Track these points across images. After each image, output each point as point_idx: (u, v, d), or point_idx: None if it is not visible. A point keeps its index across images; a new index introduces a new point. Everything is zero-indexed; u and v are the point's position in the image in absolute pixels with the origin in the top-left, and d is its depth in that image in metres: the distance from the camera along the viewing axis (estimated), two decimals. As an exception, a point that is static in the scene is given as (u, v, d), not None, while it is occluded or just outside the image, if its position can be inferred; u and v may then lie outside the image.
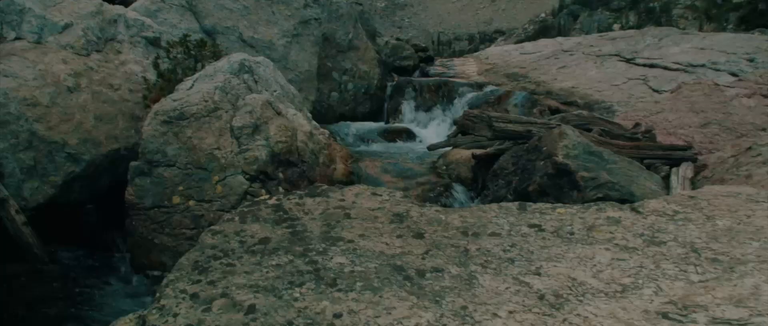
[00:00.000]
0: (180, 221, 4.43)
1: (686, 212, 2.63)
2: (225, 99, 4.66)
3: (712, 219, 2.55)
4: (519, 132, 4.86)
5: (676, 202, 2.71)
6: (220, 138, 4.43)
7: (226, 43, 7.53)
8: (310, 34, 8.09)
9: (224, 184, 4.31)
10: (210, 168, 4.37)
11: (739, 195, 2.70)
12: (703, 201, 2.67)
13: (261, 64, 5.48)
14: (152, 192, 4.47)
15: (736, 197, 2.68)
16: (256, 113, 4.51)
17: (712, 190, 2.80)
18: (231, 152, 4.36)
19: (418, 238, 2.71)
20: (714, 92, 5.52)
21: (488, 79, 9.69)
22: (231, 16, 7.61)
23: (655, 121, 5.40)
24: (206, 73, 5.13)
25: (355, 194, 3.19)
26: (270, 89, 5.35)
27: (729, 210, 2.59)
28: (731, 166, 4.04)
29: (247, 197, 4.21)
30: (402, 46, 11.34)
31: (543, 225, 2.74)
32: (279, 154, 4.42)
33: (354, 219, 2.94)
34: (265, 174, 4.32)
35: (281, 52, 7.77)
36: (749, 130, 5.02)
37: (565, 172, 3.77)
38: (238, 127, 4.43)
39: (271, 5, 7.80)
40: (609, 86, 7.97)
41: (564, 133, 3.96)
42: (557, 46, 10.16)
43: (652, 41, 8.92)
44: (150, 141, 4.52)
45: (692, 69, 7.67)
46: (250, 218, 3.11)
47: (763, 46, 7.74)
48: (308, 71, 8.05)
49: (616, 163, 3.91)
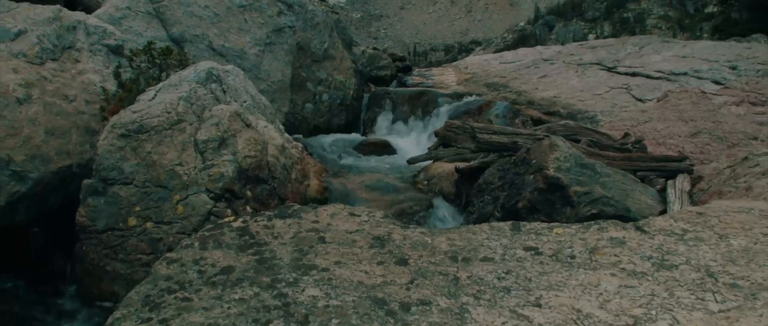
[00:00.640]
0: (136, 245, 4.04)
1: (696, 231, 2.37)
2: (190, 110, 4.31)
3: (726, 238, 2.30)
4: (504, 143, 4.60)
5: (684, 220, 2.46)
6: (183, 153, 4.08)
7: (195, 52, 7.17)
8: (283, 43, 7.77)
9: (186, 204, 3.94)
10: (171, 187, 4.01)
11: (752, 211, 2.46)
12: (713, 218, 2.42)
13: (230, 73, 5.15)
14: (106, 213, 4.08)
15: (749, 213, 2.44)
16: (223, 125, 4.17)
17: (721, 206, 2.55)
18: (194, 168, 4.00)
19: (402, 265, 2.40)
20: (702, 100, 5.35)
21: (468, 89, 9.47)
22: (200, 23, 7.25)
23: (643, 130, 5.20)
24: (171, 82, 4.77)
25: (331, 215, 2.88)
26: (240, 100, 5.01)
27: (743, 227, 2.34)
28: (728, 178, 3.83)
29: (211, 218, 3.86)
30: (379, 55, 11.08)
31: (540, 247, 2.46)
32: (247, 169, 4.07)
33: (329, 243, 2.63)
34: (232, 192, 3.97)
35: (253, 61, 7.42)
36: (740, 139, 4.84)
37: (557, 187, 3.51)
38: (203, 140, 4.08)
39: (243, 12, 7.46)
40: (591, 95, 7.80)
41: (554, 144, 3.70)
42: (537, 55, 10.00)
43: (632, 50, 8.81)
44: (105, 156, 4.14)
45: (675, 77, 7.54)
46: (212, 243, 2.77)
47: (744, 54, 7.66)
48: (281, 81, 7.72)
49: (609, 176, 3.67)
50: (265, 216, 2.96)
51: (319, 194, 4.84)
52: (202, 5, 7.24)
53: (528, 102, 8.25)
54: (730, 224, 2.35)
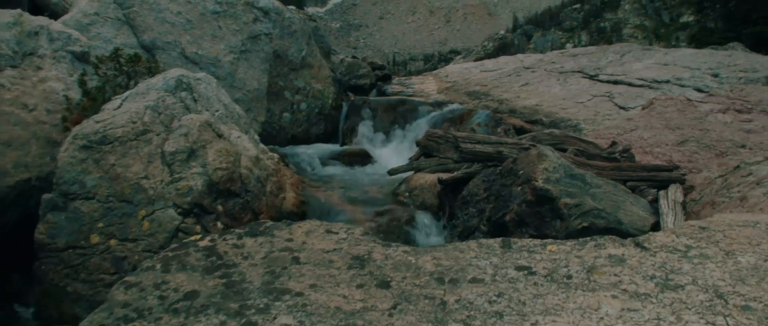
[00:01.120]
0: (99, 264, 3.77)
1: (701, 247, 2.20)
2: (157, 120, 4.06)
3: (733, 255, 2.13)
4: (489, 153, 4.43)
5: (686, 235, 2.29)
6: (149, 165, 3.82)
7: (167, 60, 6.90)
8: (259, 51, 7.53)
9: (152, 220, 3.68)
10: (136, 202, 3.74)
11: (758, 225, 2.30)
12: (717, 233, 2.26)
13: (202, 81, 4.90)
14: (67, 230, 3.80)
15: (755, 227, 2.28)
16: (192, 136, 3.92)
17: (724, 219, 2.39)
18: (161, 182, 3.74)
19: (384, 288, 2.19)
20: (687, 108, 5.25)
21: (449, 98, 9.33)
22: (172, 30, 6.99)
23: (629, 138, 5.07)
24: (138, 91, 4.51)
25: (306, 232, 2.66)
26: (212, 109, 4.77)
27: (750, 243, 2.18)
28: (721, 188, 3.69)
29: (179, 235, 3.60)
30: (358, 64, 10.90)
31: (533, 266, 2.26)
32: (218, 183, 3.83)
33: (304, 264, 2.40)
34: (201, 207, 3.72)
35: (228, 69, 7.17)
36: (728, 147, 4.74)
37: (546, 199, 3.33)
38: (171, 152, 3.83)
39: (217, 19, 7.22)
40: (574, 103, 7.71)
41: (543, 154, 3.53)
42: (518, 63, 9.91)
43: (614, 57, 8.75)
44: (66, 169, 3.87)
45: (657, 85, 7.48)
46: (175, 265, 2.53)
47: (725, 62, 7.63)
48: (257, 90, 7.48)
49: (600, 187, 3.51)
50: (234, 234, 2.73)
51: (295, 207, 4.61)
52: (174, 11, 6.98)
53: (510, 110, 8.13)
54: (736, 239, 2.19)
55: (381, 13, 57.00)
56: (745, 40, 15.05)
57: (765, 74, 7.33)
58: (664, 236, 2.29)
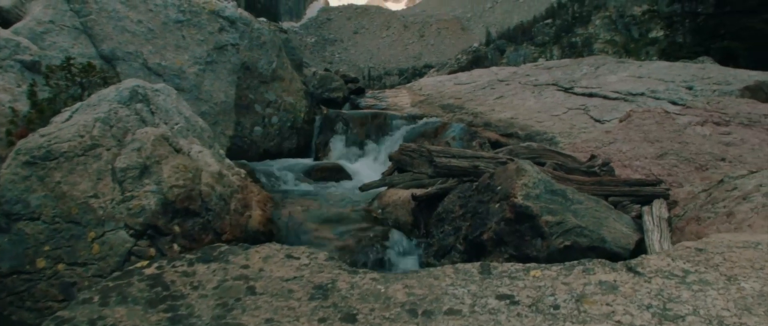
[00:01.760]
0: (46, 291, 3.43)
1: (699, 271, 2.00)
2: (108, 133, 3.75)
3: (735, 280, 1.93)
4: (464, 168, 4.22)
5: (683, 258, 2.09)
6: (98, 183, 3.51)
7: (128, 71, 6.58)
8: (226, 62, 7.25)
9: (102, 243, 3.37)
10: (84, 222, 3.42)
11: (759, 246, 2.12)
12: (716, 255, 2.07)
13: (160, 93, 4.61)
14: (10, 253, 3.46)
15: (756, 249, 2.10)
16: (145, 151, 3.62)
17: (722, 240, 2.20)
18: (112, 201, 3.43)
19: (349, 322, 1.94)
20: (666, 120, 5.13)
21: (423, 111, 9.16)
22: (133, 40, 6.66)
23: (608, 152, 4.93)
24: (90, 102, 4.20)
25: (264, 257, 2.39)
26: (171, 122, 4.48)
27: (752, 266, 1.99)
28: (705, 202, 3.54)
29: (131, 259, 3.29)
30: (330, 76, 10.67)
31: (516, 295, 2.04)
32: (174, 201, 3.53)
33: (260, 295, 2.13)
34: (155, 228, 3.41)
35: (193, 80, 6.87)
36: (708, 160, 4.62)
37: (526, 217, 3.12)
38: (122, 168, 3.52)
39: (181, 28, 6.92)
40: (549, 116, 7.59)
41: (522, 168, 3.33)
42: (492, 76, 9.80)
43: (588, 70, 8.69)
44: (8, 187, 3.53)
45: (632, 98, 7.41)
46: (116, 297, 2.23)
47: (699, 74, 7.61)
48: (225, 102, 7.18)
49: (581, 203, 3.32)
50: (185, 260, 2.44)
51: (262, 226, 4.32)
52: (135, 20, 6.67)
53: (485, 123, 7.99)
54: (737, 263, 2.00)
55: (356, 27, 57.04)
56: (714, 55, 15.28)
57: (738, 87, 7.33)
58: (658, 260, 2.09)
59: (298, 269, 2.25)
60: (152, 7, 6.95)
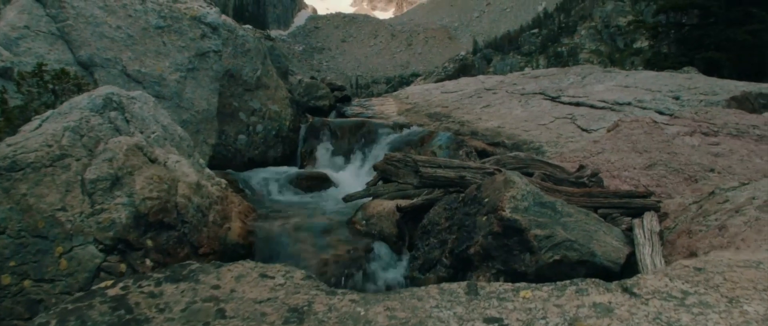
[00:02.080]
0: (11, 309, 3.25)
1: (699, 293, 1.89)
2: (78, 143, 3.58)
3: (737, 303, 1.82)
4: (451, 178, 4.10)
5: (681, 278, 1.97)
6: (67, 195, 3.33)
7: (106, 78, 6.39)
8: (208, 69, 7.09)
9: (71, 258, 3.19)
10: (51, 237, 3.25)
11: (761, 265, 2.01)
12: (716, 275, 1.96)
13: (137, 100, 4.45)
14: (-28, 269, 3.28)
15: (758, 268, 1.99)
16: (117, 161, 3.46)
17: (722, 259, 2.10)
18: (80, 214, 3.26)
19: (326, 349, 1.79)
20: (654, 131, 5.06)
21: (409, 120, 9.06)
22: (112, 46, 6.49)
23: (596, 162, 4.84)
24: (61, 110, 4.03)
25: (236, 277, 2.24)
26: (147, 130, 4.31)
27: (755, 288, 1.88)
28: (696, 215, 3.45)
29: (101, 275, 3.12)
30: (316, 84, 10.54)
31: (505, 318, 1.91)
32: (147, 214, 3.37)
33: (231, 319, 1.99)
34: (126, 242, 3.25)
35: (174, 88, 6.70)
36: (697, 171, 4.55)
37: (514, 230, 3.01)
38: (92, 179, 3.36)
39: (162, 34, 6.75)
40: (536, 125, 7.52)
41: (510, 180, 3.22)
42: (479, 85, 9.73)
43: (575, 79, 8.65)
44: (-29, 200, 3.35)
45: (619, 107, 7.37)
46: (74, 321, 2.07)
47: (686, 84, 7.59)
48: (207, 110, 7.01)
49: (571, 216, 3.21)
50: (152, 279, 2.29)
51: (241, 239, 4.16)
52: (114, 26, 6.50)
53: (471, 132, 7.90)
54: (739, 283, 1.89)
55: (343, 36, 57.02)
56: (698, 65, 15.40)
57: (725, 97, 7.31)
58: (655, 279, 1.97)
59: (272, 290, 2.10)
60: (132, 13, 6.78)
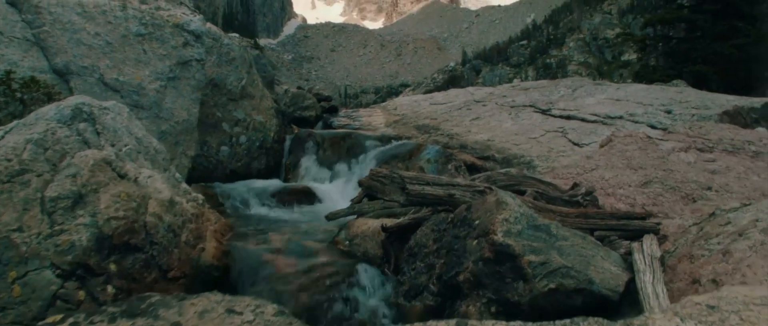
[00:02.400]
0: (-43, 339, 2.99)
1: (713, 336, 1.70)
2: (41, 157, 3.34)
3: (757, 348, 1.63)
4: (439, 196, 3.90)
5: (693, 318, 1.78)
6: (24, 214, 3.09)
7: (83, 87, 6.13)
8: (190, 78, 6.85)
9: (25, 284, 2.94)
10: (5, 260, 2.99)
11: (779, 303, 1.83)
12: (731, 314, 1.77)
13: (109, 111, 4.21)
14: None
15: (776, 307, 1.81)
16: (82, 177, 3.22)
17: (737, 295, 1.91)
18: (38, 235, 3.02)
19: None
20: (649, 146, 4.90)
21: (397, 132, 8.87)
22: (90, 53, 6.23)
23: (590, 179, 4.67)
24: (26, 121, 3.78)
25: (200, 313, 2.01)
26: (119, 143, 4.08)
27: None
28: (697, 238, 3.27)
29: (57, 303, 2.88)
30: (303, 94, 10.34)
31: (498, 364, 1.70)
32: (111, 236, 3.13)
33: (189, 364, 1.75)
34: (86, 267, 3.00)
35: (153, 97, 6.45)
36: (694, 189, 4.38)
37: (507, 256, 2.81)
38: (52, 197, 3.11)
39: (142, 42, 6.51)
40: (526, 139, 7.36)
41: (502, 201, 3.02)
42: (469, 96, 9.57)
43: (565, 92, 8.51)
44: None
45: (610, 121, 7.23)
46: (12, 365, 1.81)
47: (677, 98, 7.48)
48: (187, 121, 6.76)
49: (566, 240, 3.02)
50: (106, 314, 2.06)
51: (216, 260, 3.92)
52: (92, 32, 6.25)
53: (461, 145, 7.72)
54: (757, 324, 1.71)
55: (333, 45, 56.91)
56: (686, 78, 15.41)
57: (717, 111, 7.20)
58: (664, 319, 1.78)
59: (239, 328, 1.88)
60: (111, 19, 6.54)
